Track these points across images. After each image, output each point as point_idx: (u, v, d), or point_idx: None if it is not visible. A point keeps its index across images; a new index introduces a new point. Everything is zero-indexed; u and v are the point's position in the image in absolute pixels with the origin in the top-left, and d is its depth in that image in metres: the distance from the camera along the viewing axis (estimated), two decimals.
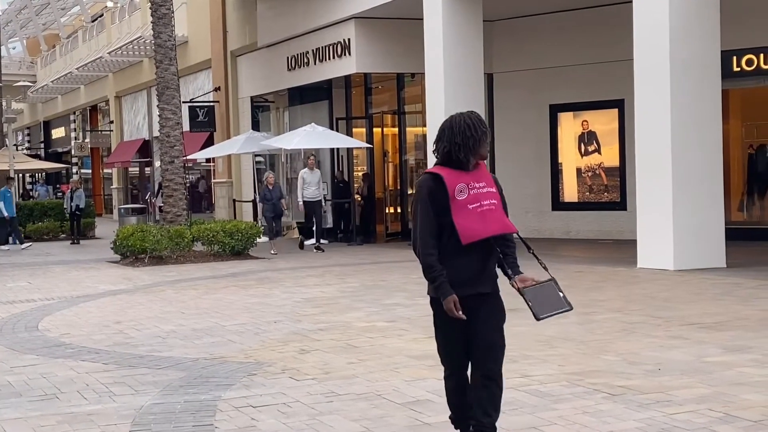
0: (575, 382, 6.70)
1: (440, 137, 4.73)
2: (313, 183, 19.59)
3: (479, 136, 4.70)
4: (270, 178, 19.84)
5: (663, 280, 12.63)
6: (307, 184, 19.50)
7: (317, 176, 19.83)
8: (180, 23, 27.05)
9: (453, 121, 4.72)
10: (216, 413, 6.18)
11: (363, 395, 6.55)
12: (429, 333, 9.01)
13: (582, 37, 20.46)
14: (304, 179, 19.55)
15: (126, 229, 18.64)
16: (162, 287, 13.95)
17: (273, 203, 19.50)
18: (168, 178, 19.52)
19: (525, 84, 21.52)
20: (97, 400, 6.70)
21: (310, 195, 19.50)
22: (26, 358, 8.44)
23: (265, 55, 25.65)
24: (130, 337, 9.43)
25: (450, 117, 4.76)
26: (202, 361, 8.00)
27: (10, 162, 27.23)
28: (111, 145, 41.75)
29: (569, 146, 21.08)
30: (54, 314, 11.36)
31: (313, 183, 19.58)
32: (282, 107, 26.63)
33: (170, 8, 19.80)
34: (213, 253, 18.37)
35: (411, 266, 15.69)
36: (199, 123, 27.75)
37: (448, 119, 4.75)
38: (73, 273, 16.75)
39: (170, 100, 19.62)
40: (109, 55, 35.74)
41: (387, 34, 21.11)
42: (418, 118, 22.11)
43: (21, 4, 49.21)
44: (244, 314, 10.76)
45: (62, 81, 43.89)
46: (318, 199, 19.67)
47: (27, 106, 54.95)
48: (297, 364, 7.72)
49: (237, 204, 27.20)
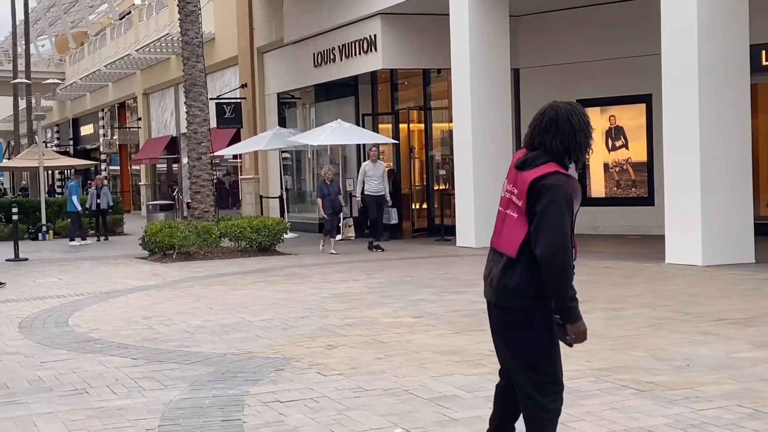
0: (603, 378, 6.68)
1: (548, 128, 4.05)
2: (377, 176, 18.56)
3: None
4: (329, 173, 18.81)
5: (691, 276, 12.56)
6: (369, 177, 18.53)
7: (381, 169, 18.75)
8: (207, 20, 27.16)
9: (570, 114, 4.06)
10: (244, 408, 6.21)
11: (390, 391, 6.56)
12: (455, 329, 9.04)
13: (609, 32, 20.35)
14: (365, 172, 18.63)
15: (154, 225, 18.75)
16: (190, 283, 14.02)
17: (331, 199, 18.39)
18: (195, 174, 19.61)
19: (552, 79, 21.43)
20: (126, 394, 6.75)
21: (372, 189, 18.50)
22: (56, 354, 8.51)
23: (292, 51, 25.71)
24: (159, 332, 9.50)
25: (557, 107, 4.10)
26: (230, 356, 8.04)
27: (40, 159, 27.45)
28: (139, 142, 42.02)
29: (596, 141, 20.65)
30: (83, 310, 11.45)
31: (376, 176, 18.55)
32: (308, 103, 26.68)
33: (197, 5, 19.87)
34: (240, 249, 18.45)
35: (437, 262, 15.70)
36: (226, 120, 27.86)
37: (554, 109, 4.08)
38: (102, 269, 16.88)
39: (197, 97, 19.70)
40: (136, 53, 35.96)
41: (413, 30, 21.10)
42: (445, 114, 22.08)
43: (49, 2, 49.61)
44: (271, 310, 10.80)
45: (91, 78, 44.21)
46: (381, 193, 18.59)
47: (56, 103, 55.39)
48: (324, 359, 7.74)
49: (264, 200, 27.30)
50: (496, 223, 4.22)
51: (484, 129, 18.11)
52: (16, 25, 42.41)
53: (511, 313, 4.12)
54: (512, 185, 4.11)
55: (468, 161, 18.19)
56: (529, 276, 4.02)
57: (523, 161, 4.11)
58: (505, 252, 4.09)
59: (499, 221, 4.20)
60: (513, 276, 4.06)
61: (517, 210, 4.06)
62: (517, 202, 4.06)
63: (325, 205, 18.34)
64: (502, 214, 4.17)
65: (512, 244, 4.06)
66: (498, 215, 4.22)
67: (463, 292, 11.65)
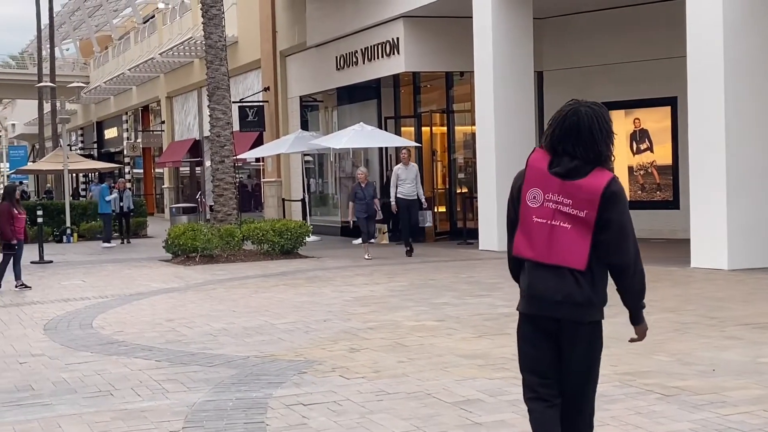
0: (628, 383, 6.63)
1: (569, 135, 3.89)
2: (409, 179, 17.86)
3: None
4: (361, 175, 18.04)
5: (717, 280, 12.46)
6: (402, 181, 17.84)
7: (413, 171, 17.98)
8: (230, 24, 27.27)
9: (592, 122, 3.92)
10: (267, 411, 6.21)
11: (413, 394, 6.54)
12: (478, 332, 9.00)
13: (633, 34, 20.25)
14: (398, 175, 17.92)
15: (177, 228, 18.82)
16: (213, 285, 14.06)
17: (366, 203, 17.62)
18: (218, 177, 19.66)
19: (576, 81, 21.34)
20: (150, 396, 6.77)
21: (405, 192, 17.80)
22: (81, 355, 8.55)
23: (314, 54, 25.75)
24: (182, 334, 9.52)
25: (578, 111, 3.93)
26: (252, 359, 8.05)
27: (64, 162, 27.63)
28: (162, 145, 42.22)
29: (621, 144, 20.85)
30: (107, 312, 11.51)
31: (408, 179, 17.86)
32: (331, 106, 26.71)
33: (221, 9, 19.95)
34: (263, 252, 18.48)
35: (460, 265, 15.67)
36: (248, 123, 27.94)
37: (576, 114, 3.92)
38: (125, 271, 16.96)
39: (221, 100, 19.76)
40: (160, 56, 36.15)
41: (436, 33, 21.08)
42: (467, 117, 22.04)
43: (74, 6, 49.97)
44: (293, 313, 10.81)
45: (115, 82, 44.49)
46: (414, 197, 17.90)
47: (80, 106, 55.75)
48: (347, 362, 7.73)
49: (286, 203, 27.35)
50: (536, 236, 3.89)
51: (507, 132, 18.06)
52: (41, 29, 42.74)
53: (585, 328, 3.91)
54: (558, 195, 3.84)
55: (491, 164, 18.14)
56: (599, 288, 3.89)
57: (570, 169, 3.85)
58: (569, 265, 3.83)
59: (540, 233, 3.88)
60: (587, 289, 3.85)
61: (574, 220, 3.82)
62: (574, 212, 3.81)
63: (359, 208, 17.70)
64: (545, 226, 3.87)
65: (579, 257, 3.83)
66: (535, 227, 3.89)
67: (486, 296, 11.61)
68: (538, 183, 3.91)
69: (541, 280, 3.91)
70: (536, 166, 3.95)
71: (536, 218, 3.89)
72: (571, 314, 3.88)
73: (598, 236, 3.81)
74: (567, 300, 3.86)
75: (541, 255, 3.90)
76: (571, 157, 3.87)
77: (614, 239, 3.82)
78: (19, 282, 14.46)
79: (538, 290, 3.93)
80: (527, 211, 3.92)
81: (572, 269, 3.83)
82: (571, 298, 3.85)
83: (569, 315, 3.88)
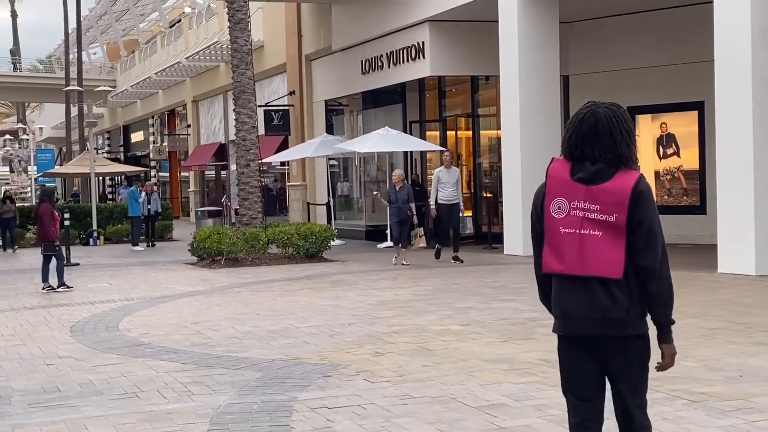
0: (654, 388, 6.58)
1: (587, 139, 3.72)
2: (450, 183, 17.11)
3: None
4: (395, 177, 17.48)
5: (744, 286, 12.36)
6: (443, 185, 17.07)
7: (455, 175, 17.30)
8: (256, 28, 27.36)
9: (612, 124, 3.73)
10: (292, 414, 6.22)
11: (438, 398, 6.54)
12: (503, 337, 8.98)
13: (660, 38, 20.15)
14: (439, 178, 17.15)
15: (203, 231, 18.90)
16: (238, 289, 14.11)
17: (398, 206, 17.05)
18: (244, 181, 19.73)
19: (601, 86, 21.25)
20: (176, 399, 6.80)
21: (446, 197, 17.07)
22: (107, 357, 8.60)
23: (339, 58, 25.80)
24: (208, 337, 9.56)
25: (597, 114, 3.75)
26: (277, 362, 8.06)
27: (91, 165, 27.83)
28: (188, 149, 42.43)
29: (647, 149, 20.75)
30: (133, 314, 11.57)
31: (450, 183, 17.11)
32: (356, 110, 26.76)
33: (247, 13, 20.02)
34: (287, 256, 18.52)
35: (484, 270, 15.63)
36: (274, 126, 28.03)
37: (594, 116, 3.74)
38: (151, 274, 17.05)
39: (246, 104, 19.83)
40: (186, 60, 36.34)
41: (461, 37, 21.06)
42: (493, 121, 22.01)
43: (101, 11, 50.31)
44: (318, 316, 10.82)
45: (141, 86, 44.77)
46: (455, 201, 17.17)
47: (107, 110, 56.13)
48: (371, 366, 7.73)
49: (311, 207, 27.40)
50: (565, 248, 3.66)
51: (532, 136, 18.01)
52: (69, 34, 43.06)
53: (627, 343, 3.68)
54: (585, 201, 3.64)
55: (516, 169, 18.10)
56: (639, 297, 3.65)
57: (594, 173, 3.66)
58: (605, 275, 3.60)
59: (570, 244, 3.65)
60: (624, 300, 3.62)
61: (604, 226, 3.61)
62: (603, 218, 3.60)
63: (392, 212, 17.37)
64: (574, 236, 3.65)
65: (615, 265, 3.60)
66: (564, 238, 3.67)
67: (511, 301, 11.58)
68: (561, 192, 3.70)
69: (573, 297, 3.67)
70: (557, 175, 3.75)
71: (564, 229, 3.66)
72: (609, 330, 3.64)
73: (628, 239, 3.61)
74: (603, 316, 3.62)
75: (572, 267, 3.65)
76: (592, 162, 3.68)
77: (642, 240, 3.61)
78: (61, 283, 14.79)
79: (571, 309, 3.68)
80: (553, 222, 3.69)
81: (604, 281, 3.60)
82: (607, 313, 3.62)
83: (607, 331, 3.65)
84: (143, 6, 47.66)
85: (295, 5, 28.15)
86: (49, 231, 14.77)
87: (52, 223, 14.81)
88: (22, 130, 65.24)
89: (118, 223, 28.01)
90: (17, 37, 66.75)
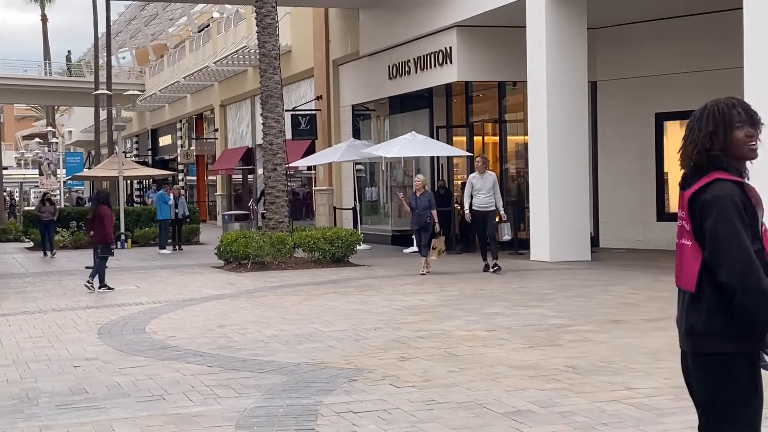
0: (682, 396, 6.54)
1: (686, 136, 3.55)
2: (485, 189, 16.25)
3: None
4: (418, 183, 16.96)
5: None
6: (477, 191, 16.28)
7: (490, 180, 16.35)
8: (284, 33, 27.46)
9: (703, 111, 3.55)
10: (318, 418, 6.23)
11: (463, 404, 6.52)
12: (529, 343, 8.95)
13: (688, 45, 20.03)
14: (473, 185, 16.38)
15: (229, 235, 18.98)
16: (264, 292, 14.15)
17: (419, 213, 16.53)
18: (271, 185, 19.79)
19: (630, 92, 21.18)
20: (202, 401, 6.83)
21: (479, 203, 16.24)
22: (134, 360, 8.66)
23: (367, 63, 25.84)
24: (234, 341, 9.59)
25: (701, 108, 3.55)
26: (303, 366, 8.08)
27: (120, 169, 28.02)
28: (215, 153, 42.63)
29: (675, 155, 20.51)
30: (160, 317, 11.64)
31: (484, 189, 16.26)
32: (383, 115, 26.78)
33: (275, 18, 20.09)
34: (314, 260, 18.56)
35: (511, 276, 15.58)
36: (301, 131, 28.12)
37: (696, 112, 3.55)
38: (178, 277, 17.13)
39: (273, 108, 19.90)
40: (214, 65, 36.54)
41: (488, 43, 21.04)
42: (520, 127, 21.96)
43: (131, 15, 50.66)
44: (344, 321, 10.84)
45: (169, 90, 45.05)
46: (491, 209, 16.28)
47: (135, 114, 56.51)
48: (397, 371, 7.73)
49: (337, 211, 27.44)
50: (676, 258, 3.49)
51: (560, 142, 17.96)
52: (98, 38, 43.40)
53: (708, 362, 3.33)
54: (681, 209, 3.45)
55: (543, 174, 18.04)
56: (721, 312, 3.28)
57: (684, 177, 3.47)
58: (685, 287, 3.39)
59: (677, 254, 3.47)
60: (699, 315, 3.33)
61: (689, 236, 3.38)
62: (687, 227, 3.39)
63: (413, 219, 16.91)
64: (678, 246, 3.45)
65: (689, 277, 3.35)
66: (677, 248, 3.48)
67: (537, 307, 11.54)
68: (678, 202, 3.52)
69: (677, 308, 3.48)
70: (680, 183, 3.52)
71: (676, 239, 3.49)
72: (690, 345, 3.39)
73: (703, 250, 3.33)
74: (689, 329, 3.38)
75: (676, 278, 3.46)
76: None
77: (711, 254, 3.28)
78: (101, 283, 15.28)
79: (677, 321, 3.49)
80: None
81: (689, 292, 3.37)
82: (687, 325, 3.38)
83: (689, 346, 3.40)
84: (172, 11, 47.93)
85: (323, 10, 28.24)
86: (109, 232, 15.30)
87: (111, 225, 15.39)
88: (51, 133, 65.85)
89: (146, 227, 28.16)
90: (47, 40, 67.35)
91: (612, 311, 11.02)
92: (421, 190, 16.74)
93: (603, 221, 21.94)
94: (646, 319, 10.32)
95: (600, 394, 6.69)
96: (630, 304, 11.60)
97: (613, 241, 21.56)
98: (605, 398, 6.54)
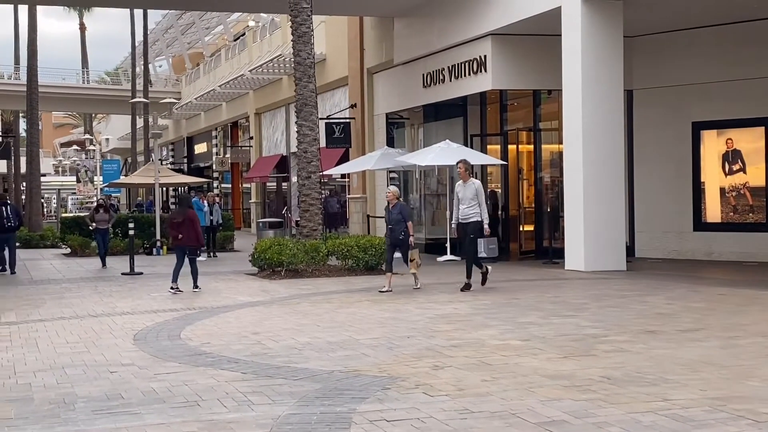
0: (718, 408, 6.48)
1: None
2: (466, 198, 14.86)
3: None
4: (389, 194, 15.78)
5: None
6: (460, 201, 15.01)
7: (471, 190, 14.88)
8: (318, 41, 27.58)
9: None
10: (351, 426, 6.23)
11: (497, 413, 6.50)
12: (564, 353, 8.90)
13: (726, 53, 19.86)
14: (457, 194, 15.17)
15: (264, 242, 19.05)
16: (298, 300, 14.18)
17: (390, 227, 15.55)
18: (305, 193, 19.85)
19: (666, 101, 21.04)
20: (236, 408, 6.86)
21: (461, 214, 14.94)
22: (169, 366, 8.71)
23: (401, 72, 25.87)
24: (268, 347, 9.62)
25: None
26: (337, 373, 8.09)
27: (156, 176, 28.24)
28: (250, 161, 42.85)
29: (712, 165, 20.44)
30: (195, 324, 11.70)
31: (465, 198, 14.88)
32: (417, 124, 26.79)
33: (310, 27, 20.17)
34: (347, 268, 18.58)
35: (545, 285, 15.51)
36: (335, 139, 28.20)
37: None
38: (213, 284, 17.22)
39: (308, 116, 19.97)
40: (250, 73, 36.76)
41: (523, 51, 21.00)
42: (554, 135, 21.87)
43: (167, 24, 51.15)
44: (377, 329, 10.83)
45: (205, 98, 45.37)
46: (472, 220, 14.78)
47: (172, 122, 56.98)
48: (430, 379, 7.72)
49: (371, 219, 27.47)
50: None
51: (595, 150, 17.87)
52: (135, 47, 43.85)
53: None
54: None
55: (578, 183, 17.95)
56: None
57: None
58: None
59: None
60: None
61: None
62: None
63: (386, 234, 15.86)
64: None
65: None
66: None
67: (572, 316, 11.48)
68: None
69: None
70: None
71: None
72: None
73: None
74: None
75: None
76: None
77: None
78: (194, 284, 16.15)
79: None
80: None
81: None
82: None
83: None
84: (208, 20, 48.35)
85: (358, 19, 28.32)
86: (199, 236, 16.06)
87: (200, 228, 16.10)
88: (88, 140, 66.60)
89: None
90: (85, 49, 68.09)
91: (647, 321, 10.93)
92: (393, 202, 15.50)
93: (639, 231, 21.79)
94: (681, 329, 10.22)
95: (635, 405, 6.63)
96: (666, 315, 11.50)
97: (649, 251, 21.40)
98: (640, 409, 6.49)
